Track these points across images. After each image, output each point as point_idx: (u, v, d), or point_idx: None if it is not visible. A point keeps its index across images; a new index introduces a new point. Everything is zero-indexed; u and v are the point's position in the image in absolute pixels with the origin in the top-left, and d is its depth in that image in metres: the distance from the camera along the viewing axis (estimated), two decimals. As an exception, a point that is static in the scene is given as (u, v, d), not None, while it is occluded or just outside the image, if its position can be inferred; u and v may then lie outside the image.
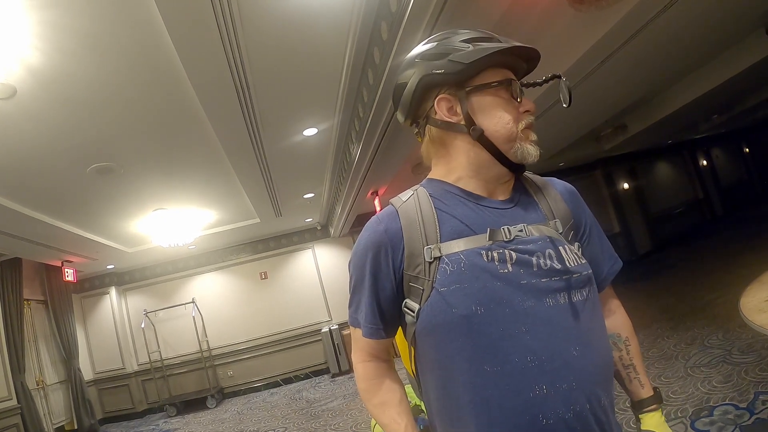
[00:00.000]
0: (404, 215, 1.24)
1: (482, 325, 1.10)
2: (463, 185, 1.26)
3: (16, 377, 7.17)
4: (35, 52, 3.00)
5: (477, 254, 1.13)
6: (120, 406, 10.06)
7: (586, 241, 1.32)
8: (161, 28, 3.01)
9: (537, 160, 1.23)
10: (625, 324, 1.39)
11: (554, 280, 1.13)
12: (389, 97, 3.87)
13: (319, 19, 3.34)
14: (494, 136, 1.20)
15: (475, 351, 1.11)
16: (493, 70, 1.21)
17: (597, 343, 1.16)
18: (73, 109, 3.75)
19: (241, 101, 4.07)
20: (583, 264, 1.20)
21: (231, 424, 7.81)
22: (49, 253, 7.63)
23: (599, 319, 1.22)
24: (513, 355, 1.08)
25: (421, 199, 1.25)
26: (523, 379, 1.07)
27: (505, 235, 1.15)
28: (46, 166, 4.61)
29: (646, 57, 5.58)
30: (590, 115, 7.84)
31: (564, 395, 1.06)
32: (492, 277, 1.11)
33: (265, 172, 6.09)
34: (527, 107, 1.23)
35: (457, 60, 1.18)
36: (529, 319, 1.09)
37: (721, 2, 4.68)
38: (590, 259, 1.26)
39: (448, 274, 1.13)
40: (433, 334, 1.17)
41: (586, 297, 1.17)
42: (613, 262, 1.37)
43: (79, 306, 10.12)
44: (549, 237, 1.19)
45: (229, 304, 10.72)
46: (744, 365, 4.43)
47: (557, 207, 1.27)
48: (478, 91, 1.21)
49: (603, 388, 1.12)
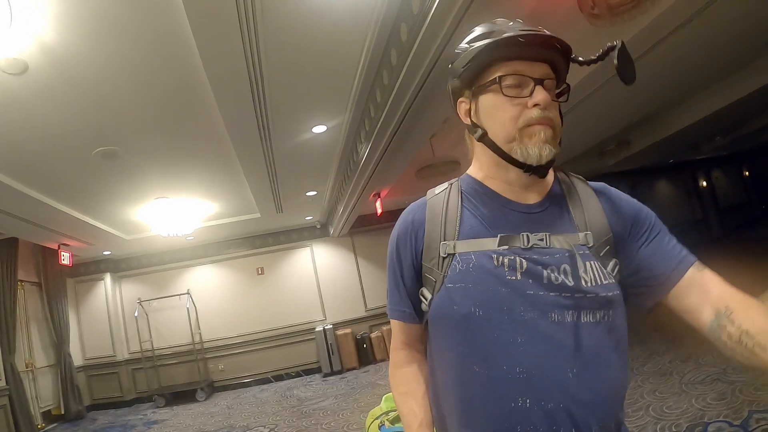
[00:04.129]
0: (431, 208, 1.27)
1: (479, 327, 1.11)
2: (490, 184, 1.25)
3: (6, 359, 7.15)
4: (51, 30, 3.00)
5: (487, 257, 1.13)
6: (108, 394, 10.01)
7: (643, 243, 1.19)
8: (181, 15, 3.02)
9: (545, 160, 1.13)
10: (721, 296, 1.08)
11: (564, 296, 1.08)
12: (403, 99, 3.89)
13: (339, 18, 3.36)
14: (495, 138, 1.18)
15: (468, 349, 1.12)
16: (498, 66, 1.16)
17: (602, 369, 1.07)
18: (83, 90, 3.75)
19: (254, 93, 4.07)
20: (605, 285, 1.11)
21: (220, 418, 7.77)
22: (47, 235, 7.59)
23: (615, 345, 1.11)
24: (502, 363, 1.08)
25: (452, 194, 1.27)
26: (508, 387, 1.06)
27: (524, 242, 1.13)
28: (51, 146, 4.60)
29: (654, 75, 5.62)
30: (596, 129, 7.89)
31: (547, 414, 1.03)
32: (498, 282, 1.11)
33: (270, 166, 6.08)
34: (535, 101, 1.12)
35: (456, 65, 1.22)
36: (528, 331, 1.07)
37: (729, 26, 4.71)
38: (651, 259, 1.16)
39: (457, 272, 1.15)
40: (437, 325, 1.21)
41: (599, 319, 1.09)
42: (677, 263, 1.14)
43: (72, 290, 10.08)
44: (570, 251, 1.12)
45: (224, 298, 10.70)
46: (738, 384, 4.44)
47: (593, 219, 1.19)
48: (480, 91, 1.20)
49: (599, 417, 1.04)
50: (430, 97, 3.85)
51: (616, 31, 3.70)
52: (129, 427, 8.10)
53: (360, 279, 11.07)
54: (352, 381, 8.88)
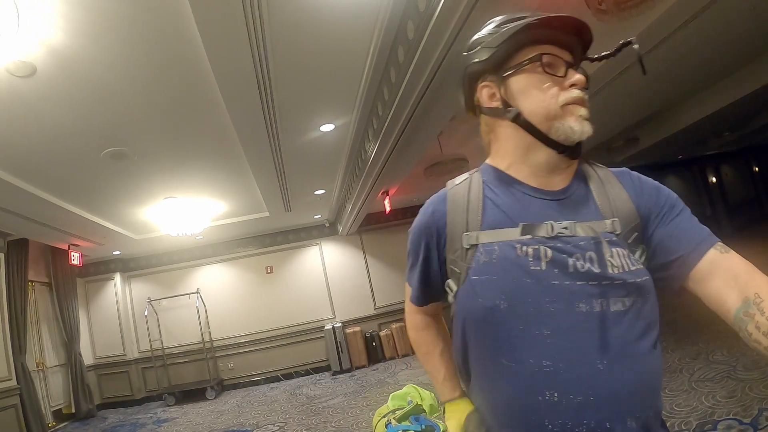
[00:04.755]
0: (452, 199, 1.25)
1: (504, 320, 1.08)
2: (513, 173, 1.22)
3: (17, 358, 7.18)
4: (58, 32, 3.02)
5: (511, 247, 1.11)
6: (119, 393, 10.07)
7: (660, 223, 1.15)
8: (188, 15, 3.04)
9: (586, 137, 1.13)
10: (750, 282, 1.00)
11: (591, 284, 1.05)
12: (410, 96, 3.89)
13: (346, 15, 3.37)
14: (532, 116, 1.15)
15: (495, 342, 1.11)
16: (529, 49, 1.16)
17: (633, 360, 1.03)
18: (91, 91, 3.77)
19: (261, 92, 4.08)
20: (633, 271, 1.07)
21: (230, 416, 7.79)
22: (57, 236, 7.66)
23: (645, 333, 1.06)
24: (529, 356, 1.05)
25: (473, 184, 1.25)
26: (534, 381, 1.04)
27: (548, 231, 1.11)
28: (60, 148, 4.63)
29: (662, 72, 5.60)
30: (604, 126, 7.87)
31: (576, 408, 1.00)
32: (522, 272, 1.08)
33: (278, 165, 6.10)
34: (573, 80, 1.14)
35: (486, 46, 1.20)
36: (554, 322, 1.04)
37: (737, 21, 4.69)
38: (668, 241, 1.12)
39: (480, 263, 1.13)
40: (464, 317, 1.19)
41: (628, 307, 1.05)
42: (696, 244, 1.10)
43: (83, 290, 10.15)
44: (596, 238, 1.09)
45: (233, 297, 10.73)
46: (748, 381, 4.41)
47: (620, 205, 1.16)
48: (513, 73, 1.18)
49: (632, 409, 1.01)
50: (439, 94, 3.85)
51: (623, 27, 3.70)
52: (139, 425, 8.14)
53: (369, 277, 11.05)
54: (361, 379, 8.89)
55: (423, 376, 7.84)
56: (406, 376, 8.32)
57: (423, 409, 1.82)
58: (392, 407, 1.92)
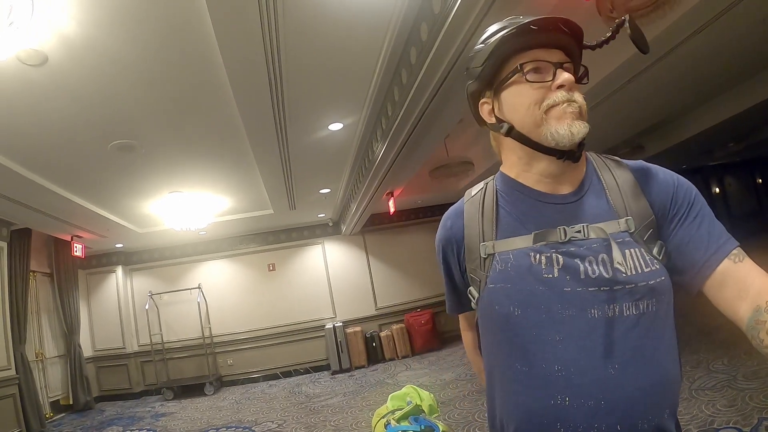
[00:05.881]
0: (468, 211, 1.29)
1: (518, 326, 1.11)
2: (523, 180, 1.23)
3: (17, 348, 7.18)
4: (71, 22, 3.01)
5: (525, 255, 1.13)
6: (117, 386, 10.06)
7: (677, 225, 1.13)
8: (202, 11, 3.05)
9: (577, 138, 1.10)
10: (762, 291, 1.00)
11: (602, 290, 1.05)
12: (421, 98, 3.90)
13: (360, 16, 3.38)
14: (522, 128, 1.16)
15: (510, 347, 1.14)
16: (516, 58, 1.15)
17: (646, 364, 1.03)
18: (102, 83, 3.77)
19: (272, 89, 4.09)
20: (646, 272, 1.06)
21: (228, 412, 7.80)
22: (60, 227, 7.67)
23: (660, 337, 1.07)
24: (541, 361, 1.08)
25: (488, 193, 1.27)
26: (546, 386, 1.06)
27: (561, 236, 1.11)
28: (68, 138, 4.63)
29: (670, 80, 5.60)
30: (610, 134, 7.87)
31: (587, 412, 1.02)
32: (535, 280, 1.10)
33: (285, 162, 6.11)
34: (558, 82, 1.11)
35: (473, 66, 1.23)
36: (566, 328, 1.06)
37: (746, 32, 4.69)
38: (684, 247, 1.11)
39: (497, 272, 1.16)
40: (484, 323, 1.24)
41: (642, 311, 1.05)
42: (710, 254, 1.08)
43: (84, 282, 10.16)
44: (608, 239, 1.08)
45: (235, 293, 10.74)
46: (749, 391, 4.42)
47: (633, 203, 1.14)
48: (502, 86, 1.19)
49: (644, 413, 1.01)
50: (449, 96, 3.86)
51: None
52: (137, 419, 8.14)
53: (371, 277, 11.07)
54: (360, 379, 8.89)
55: (423, 378, 7.87)
56: (405, 377, 8.32)
57: (422, 409, 1.83)
58: (391, 408, 1.93)
